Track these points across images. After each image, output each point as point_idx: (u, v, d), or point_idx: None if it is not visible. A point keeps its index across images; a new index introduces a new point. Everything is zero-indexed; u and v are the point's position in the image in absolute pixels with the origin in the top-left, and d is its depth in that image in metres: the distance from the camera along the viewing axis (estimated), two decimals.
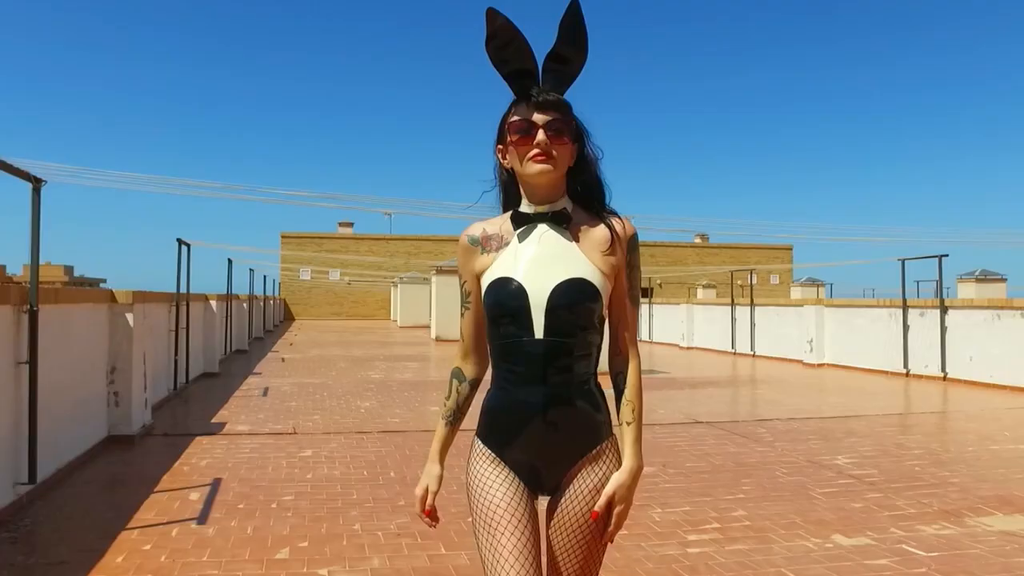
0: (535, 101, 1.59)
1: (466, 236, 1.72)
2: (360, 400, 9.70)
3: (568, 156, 1.62)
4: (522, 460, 1.63)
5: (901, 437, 7.37)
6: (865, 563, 3.82)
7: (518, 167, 1.62)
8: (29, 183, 4.60)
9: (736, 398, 11.00)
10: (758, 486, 5.40)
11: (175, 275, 9.82)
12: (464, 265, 1.72)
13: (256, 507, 4.71)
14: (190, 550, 3.90)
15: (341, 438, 7.03)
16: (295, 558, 3.81)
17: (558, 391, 1.59)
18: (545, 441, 1.60)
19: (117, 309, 6.65)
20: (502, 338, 1.62)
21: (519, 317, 1.58)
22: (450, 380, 1.78)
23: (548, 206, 1.64)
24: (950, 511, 4.76)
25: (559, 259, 1.61)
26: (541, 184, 1.62)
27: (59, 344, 5.33)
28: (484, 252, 1.68)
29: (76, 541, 4.05)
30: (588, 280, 1.59)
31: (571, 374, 1.60)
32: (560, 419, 1.59)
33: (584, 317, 1.59)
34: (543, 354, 1.58)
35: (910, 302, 12.63)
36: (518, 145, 1.60)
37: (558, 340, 1.58)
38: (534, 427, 1.59)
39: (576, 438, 1.63)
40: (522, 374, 1.59)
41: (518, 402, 1.60)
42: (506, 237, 1.67)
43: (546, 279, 1.59)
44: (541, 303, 1.58)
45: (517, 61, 1.61)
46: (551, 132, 1.57)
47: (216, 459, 6.07)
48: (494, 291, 1.62)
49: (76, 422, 5.75)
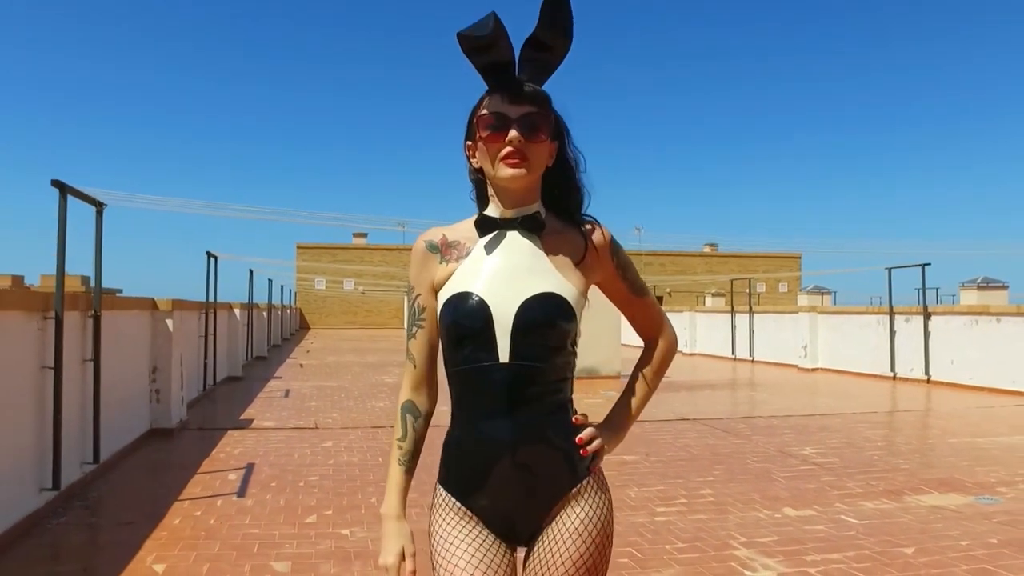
0: (509, 92, 1.39)
1: (423, 241, 1.50)
2: (375, 401, 10.46)
3: (545, 156, 1.43)
4: (491, 508, 1.42)
5: (869, 432, 8.02)
6: (804, 528, 4.51)
7: (488, 168, 1.42)
8: (93, 207, 5.38)
9: (727, 399, 11.66)
10: (727, 471, 6.08)
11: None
12: (418, 275, 1.50)
13: (286, 485, 5.45)
14: (233, 516, 4.65)
15: (358, 432, 7.78)
16: (322, 522, 4.54)
17: (528, 425, 1.39)
18: (516, 485, 1.40)
19: (158, 315, 7.45)
20: (462, 363, 1.41)
21: (481, 338, 1.38)
22: (402, 416, 1.52)
23: (517, 210, 1.44)
24: (892, 491, 5.43)
25: (528, 272, 1.41)
26: (513, 188, 1.42)
27: (112, 346, 6.11)
28: (443, 262, 1.47)
29: (138, 508, 4.81)
30: (560, 295, 1.40)
31: (542, 404, 1.40)
32: (532, 459, 1.39)
33: (556, 338, 1.40)
34: (509, 382, 1.37)
35: (896, 309, 13.25)
36: (488, 142, 1.39)
37: (527, 365, 1.38)
38: (502, 469, 1.39)
39: (552, 479, 1.42)
40: (486, 406, 1.39)
41: (483, 440, 1.39)
42: (468, 245, 1.47)
43: (513, 294, 1.39)
44: (507, 322, 1.38)
45: (494, 52, 1.39)
46: (526, 128, 1.37)
47: (247, 448, 6.84)
48: (452, 308, 1.41)
49: (125, 415, 6.52)
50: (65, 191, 4.65)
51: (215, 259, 11.01)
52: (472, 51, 1.39)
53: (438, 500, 1.48)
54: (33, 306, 4.44)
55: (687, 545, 4.16)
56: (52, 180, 4.52)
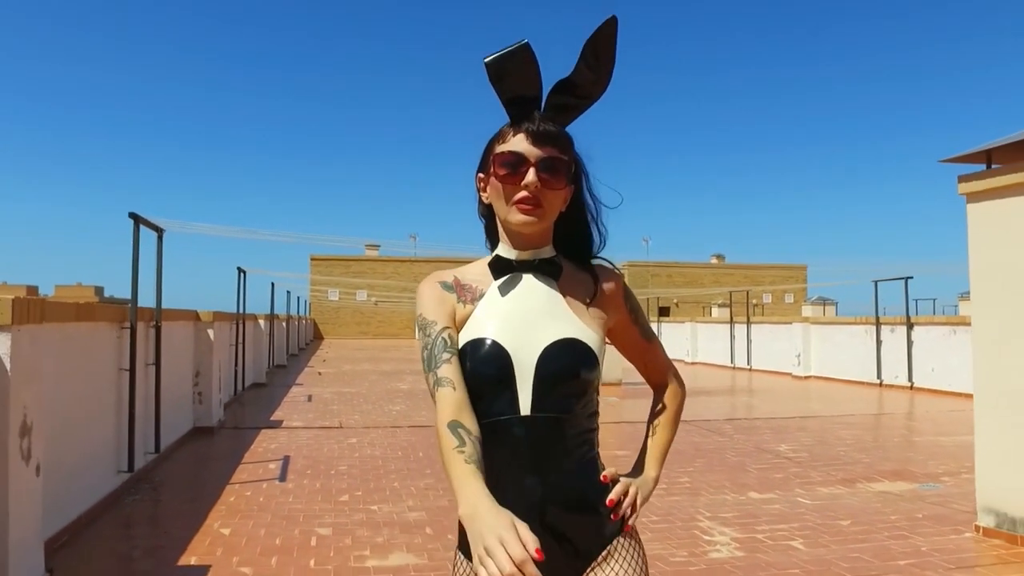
0: (531, 130, 1.32)
1: (437, 282, 1.41)
2: (391, 405, 11.31)
3: (560, 203, 1.37)
4: None
5: (843, 432, 8.79)
6: (762, 507, 5.30)
7: (499, 208, 1.36)
8: (155, 232, 6.27)
9: (719, 404, 12.42)
10: (706, 463, 6.88)
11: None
12: (437, 310, 1.37)
13: (319, 472, 6.30)
14: (278, 495, 5.50)
15: (379, 430, 8.63)
16: (353, 500, 5.38)
17: (557, 481, 1.29)
18: (545, 549, 1.18)
19: (200, 325, 8.33)
20: (485, 416, 1.29)
21: (500, 388, 1.30)
22: (452, 431, 1.23)
23: (532, 252, 1.38)
24: (848, 479, 6.21)
25: (547, 316, 1.35)
26: (523, 234, 1.37)
27: (165, 352, 6.98)
28: (460, 302, 1.39)
29: (197, 489, 5.68)
30: (584, 342, 1.33)
31: (569, 459, 1.31)
32: (561, 521, 1.30)
33: (580, 387, 1.32)
34: (533, 436, 1.29)
35: (882, 320, 14.01)
36: (504, 182, 1.33)
37: (550, 417, 1.30)
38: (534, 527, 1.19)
39: (583, 538, 1.32)
40: (508, 463, 1.29)
41: (510, 501, 1.20)
42: (481, 288, 1.39)
43: (533, 340, 1.32)
44: (528, 371, 1.30)
45: (520, 84, 1.33)
46: (544, 172, 1.31)
47: (281, 444, 7.69)
48: (467, 355, 1.32)
49: (175, 413, 7.39)
50: (138, 221, 5.55)
51: (244, 273, 11.93)
52: (498, 79, 1.33)
53: (459, 571, 1.35)
54: (114, 317, 5.32)
55: (660, 519, 4.97)
56: (129, 213, 5.41)
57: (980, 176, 4.55)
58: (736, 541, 4.46)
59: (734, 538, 4.52)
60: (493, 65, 1.31)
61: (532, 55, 1.31)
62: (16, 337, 3.15)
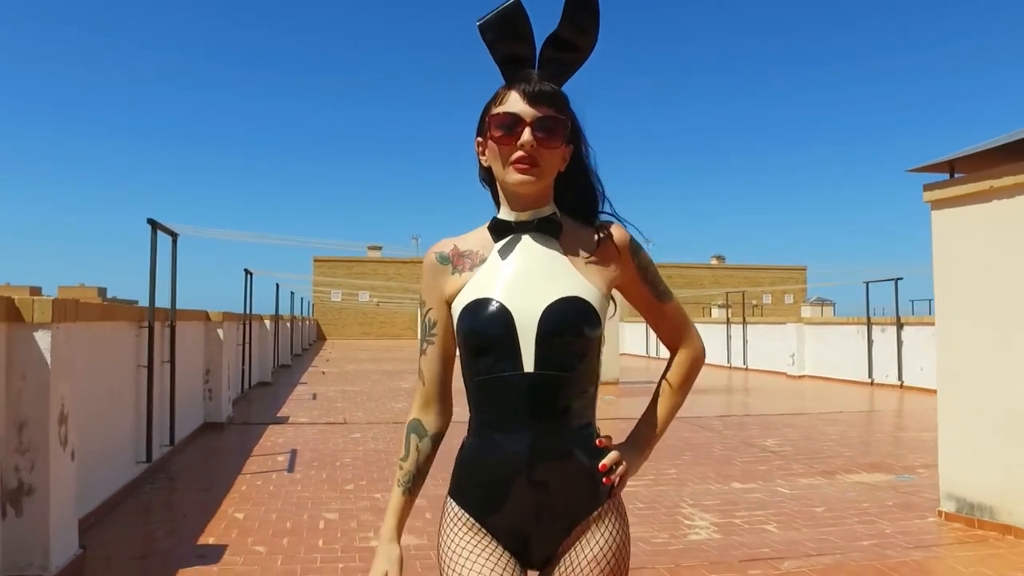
0: (526, 91, 1.33)
1: (433, 253, 1.45)
2: (393, 402, 11.65)
3: (558, 162, 1.37)
4: (505, 526, 1.36)
5: (829, 428, 9.11)
6: (743, 496, 5.63)
7: (497, 169, 1.37)
8: (170, 236, 6.61)
9: (712, 402, 12.71)
10: (694, 456, 7.21)
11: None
12: (429, 288, 1.44)
13: (325, 464, 6.64)
14: (287, 485, 5.84)
15: (381, 426, 8.97)
16: (357, 488, 5.72)
17: (550, 440, 1.32)
18: (533, 505, 1.34)
19: (211, 325, 8.68)
20: (481, 373, 1.34)
21: (503, 346, 1.32)
22: (406, 436, 1.46)
23: (532, 212, 1.39)
24: (828, 471, 6.53)
25: (549, 275, 1.36)
26: (523, 194, 1.37)
27: (177, 351, 7.32)
28: (455, 272, 1.41)
29: (210, 478, 6.02)
30: (586, 300, 1.34)
31: (567, 418, 1.34)
32: (552, 477, 1.33)
33: (582, 345, 1.34)
34: (533, 392, 1.31)
35: (873, 320, 14.33)
36: (500, 143, 1.34)
37: (552, 374, 1.32)
38: (519, 486, 1.32)
39: (572, 501, 1.35)
40: (506, 418, 1.33)
41: (501, 454, 1.33)
42: (482, 253, 1.41)
43: (535, 299, 1.33)
44: (530, 328, 1.31)
45: (512, 43, 1.36)
46: (541, 132, 1.32)
47: (288, 438, 8.03)
48: (470, 315, 1.35)
49: (187, 409, 7.72)
50: (155, 227, 5.89)
51: (251, 275, 12.27)
52: (491, 39, 1.35)
53: (449, 515, 1.40)
54: (133, 317, 5.66)
55: (645, 506, 5.29)
56: (148, 219, 5.76)
57: (943, 185, 4.87)
58: (715, 525, 4.78)
59: (713, 523, 4.85)
60: (485, 26, 1.34)
61: (524, 13, 1.34)
62: (55, 334, 3.48)
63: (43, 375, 3.45)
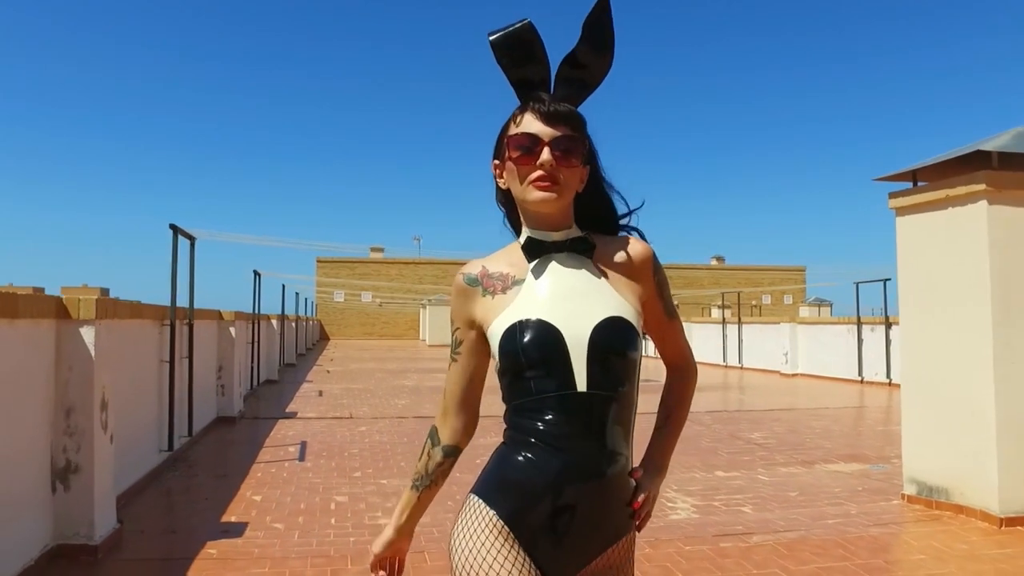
0: (542, 111, 1.34)
1: (462, 275, 1.45)
2: (397, 399, 12.08)
3: (576, 181, 1.37)
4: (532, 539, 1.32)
5: (814, 422, 9.52)
6: (724, 483, 6.04)
7: (516, 190, 1.37)
8: (188, 240, 7.03)
9: (706, 399, 13.09)
10: (682, 448, 7.57)
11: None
12: (458, 309, 1.45)
13: (334, 454, 7.07)
14: (299, 472, 6.26)
15: (386, 420, 9.40)
16: (365, 475, 6.14)
17: (588, 460, 1.30)
18: (562, 525, 1.31)
19: (223, 324, 9.11)
20: (529, 393, 1.32)
21: (554, 366, 1.30)
22: (425, 440, 1.49)
23: (563, 233, 1.39)
24: (807, 461, 6.94)
25: (591, 295, 1.36)
26: (543, 213, 1.37)
27: (194, 348, 7.75)
28: (486, 294, 1.41)
29: (227, 467, 6.45)
30: (628, 320, 1.35)
31: (610, 440, 1.32)
32: (583, 497, 1.30)
33: (628, 366, 1.34)
34: (588, 412, 1.30)
35: (863, 319, 14.73)
36: (519, 163, 1.34)
37: (605, 394, 1.31)
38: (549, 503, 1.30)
39: (602, 526, 1.34)
40: (556, 438, 1.30)
41: (537, 470, 1.30)
42: (515, 274, 1.40)
43: (582, 319, 1.32)
44: (581, 348, 1.30)
45: (527, 66, 1.37)
46: (559, 151, 1.32)
47: (297, 431, 8.46)
48: (516, 336, 1.32)
49: (202, 403, 8.15)
50: (177, 232, 6.31)
51: (259, 276, 12.71)
52: (504, 61, 1.37)
53: (473, 511, 1.36)
54: (156, 316, 6.09)
55: None
56: (169, 224, 6.18)
57: (906, 193, 5.28)
58: (695, 507, 5.20)
59: (694, 505, 5.26)
60: (497, 45, 1.36)
61: (536, 34, 1.35)
62: (98, 330, 3.91)
63: (88, 366, 3.87)
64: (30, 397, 3.63)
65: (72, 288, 40.16)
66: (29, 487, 3.61)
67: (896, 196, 5.36)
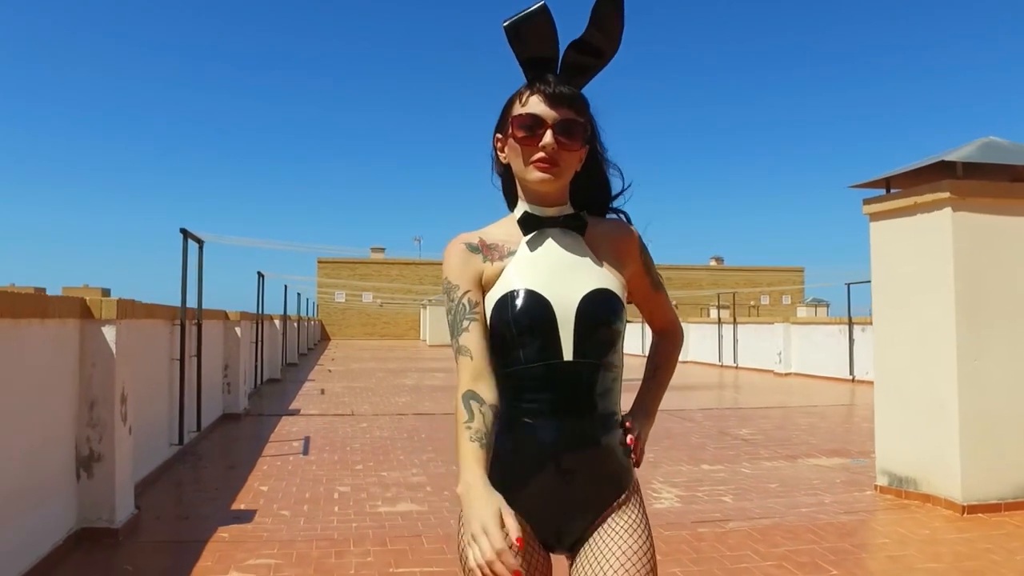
0: (547, 92, 1.38)
1: (462, 243, 1.46)
2: (397, 397, 12.38)
3: (575, 163, 1.42)
4: (533, 511, 1.39)
5: (801, 419, 9.81)
6: (709, 475, 6.33)
7: (517, 167, 1.42)
8: (197, 243, 7.33)
9: (698, 397, 13.40)
10: (672, 443, 7.91)
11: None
12: (462, 272, 1.43)
13: (336, 448, 7.37)
14: (303, 464, 6.56)
15: (386, 417, 9.70)
16: (366, 468, 6.44)
17: (582, 428, 1.37)
18: (563, 491, 1.38)
19: (229, 324, 9.41)
20: (519, 363, 1.37)
21: (544, 335, 1.36)
22: (464, 404, 1.33)
23: (558, 209, 1.45)
24: (791, 455, 7.23)
25: (579, 269, 1.42)
26: (542, 191, 1.43)
27: (202, 347, 8.04)
28: (487, 260, 1.44)
29: (235, 459, 6.75)
30: (614, 292, 1.42)
31: (599, 406, 1.39)
32: (581, 464, 1.37)
33: (613, 335, 1.41)
34: (574, 379, 1.36)
35: (854, 319, 15.03)
36: (522, 143, 1.39)
37: (591, 362, 1.37)
38: (549, 473, 1.37)
39: (599, 487, 1.40)
40: (542, 406, 1.36)
41: (533, 441, 1.36)
42: (509, 246, 1.45)
43: (571, 290, 1.38)
44: (568, 318, 1.36)
45: (538, 46, 1.40)
46: (561, 134, 1.36)
47: (301, 427, 8.76)
48: (507, 306, 1.37)
49: (209, 400, 8.45)
50: (187, 235, 6.61)
51: (263, 277, 13.01)
52: (516, 40, 1.40)
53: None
54: (167, 316, 6.39)
55: None
56: (180, 228, 6.49)
57: (878, 200, 5.58)
58: (678, 497, 5.49)
59: (677, 495, 5.56)
60: (511, 27, 1.38)
61: (549, 16, 1.38)
62: (119, 329, 4.21)
63: (109, 363, 4.17)
64: (57, 391, 3.93)
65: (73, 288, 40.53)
66: (56, 474, 3.91)
67: (870, 202, 5.65)
